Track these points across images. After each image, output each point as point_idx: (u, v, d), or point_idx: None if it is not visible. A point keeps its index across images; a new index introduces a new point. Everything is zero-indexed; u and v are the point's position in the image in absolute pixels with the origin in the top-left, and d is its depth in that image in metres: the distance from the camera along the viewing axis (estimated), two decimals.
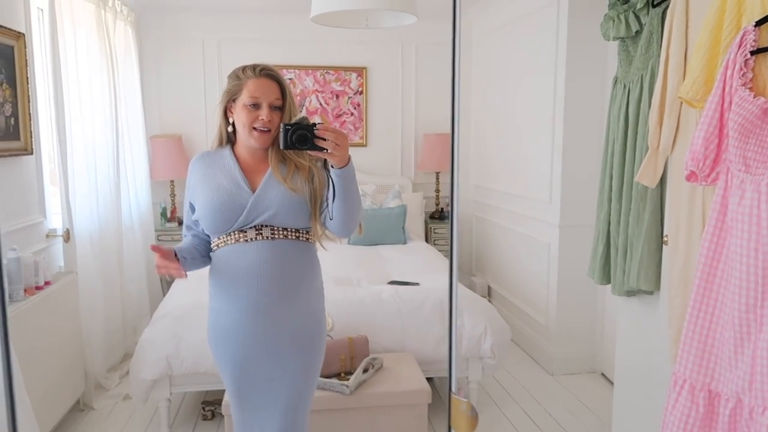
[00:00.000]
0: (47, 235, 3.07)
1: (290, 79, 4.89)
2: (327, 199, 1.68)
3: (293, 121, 1.63)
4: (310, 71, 4.93)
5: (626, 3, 2.29)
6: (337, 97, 5.00)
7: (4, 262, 2.46)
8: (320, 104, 4.98)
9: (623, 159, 2.25)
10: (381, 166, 5.15)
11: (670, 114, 1.95)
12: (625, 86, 2.26)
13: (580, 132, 3.42)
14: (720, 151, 1.58)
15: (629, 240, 2.22)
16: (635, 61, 2.20)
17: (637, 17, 2.20)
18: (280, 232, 1.69)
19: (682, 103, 1.89)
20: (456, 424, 0.96)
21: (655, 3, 2.12)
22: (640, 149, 2.14)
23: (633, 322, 2.33)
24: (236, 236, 1.69)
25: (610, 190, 2.34)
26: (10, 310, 2.40)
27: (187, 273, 1.67)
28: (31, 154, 2.91)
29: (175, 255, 1.66)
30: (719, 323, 1.57)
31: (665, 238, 2.01)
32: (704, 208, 1.80)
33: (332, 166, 1.60)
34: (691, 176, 1.64)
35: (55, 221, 3.20)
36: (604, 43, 3.17)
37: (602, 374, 3.55)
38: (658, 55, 2.04)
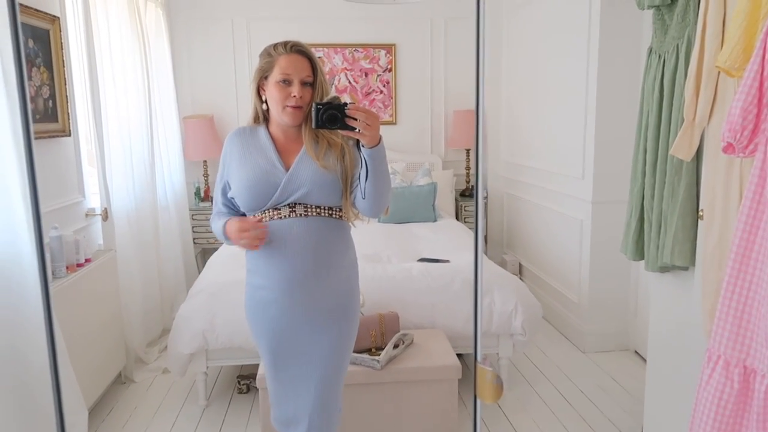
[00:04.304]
0: (86, 215, 3.17)
1: (319, 57, 4.88)
2: (359, 179, 1.70)
3: (325, 100, 1.64)
4: (338, 49, 4.92)
5: None
6: (366, 74, 4.99)
7: (46, 240, 2.56)
8: (349, 82, 4.97)
9: (657, 132, 2.19)
10: (411, 143, 5.13)
11: (706, 84, 1.88)
12: (660, 56, 2.19)
13: (614, 106, 3.34)
14: (759, 122, 1.53)
15: (663, 215, 2.18)
16: (671, 30, 2.13)
17: None
18: (314, 210, 1.72)
19: (719, 72, 1.82)
20: (482, 393, 0.97)
21: None
22: (675, 121, 2.09)
23: (666, 299, 2.30)
24: (270, 213, 1.72)
25: (644, 163, 2.29)
26: (54, 286, 2.50)
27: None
28: (69, 135, 2.99)
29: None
30: (756, 298, 1.54)
31: (700, 213, 1.97)
32: (741, 181, 1.75)
33: (363, 146, 1.61)
34: (728, 148, 1.59)
35: (93, 201, 3.30)
36: (639, 12, 3.07)
37: (635, 352, 3.52)
38: (695, 23, 1.97)
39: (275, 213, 1.72)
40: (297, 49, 1.72)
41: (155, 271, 3.78)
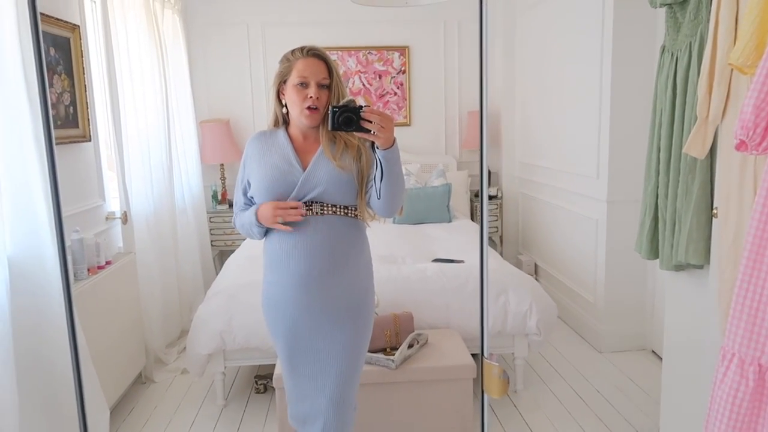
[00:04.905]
0: (106, 218, 3.23)
1: (333, 60, 4.94)
2: (374, 179, 1.74)
3: (341, 103, 1.69)
4: (352, 52, 4.95)
5: None
6: (380, 77, 5.01)
7: (68, 243, 2.62)
8: (363, 85, 5.00)
9: (671, 130, 2.19)
10: (425, 145, 5.15)
11: (719, 82, 1.88)
12: (672, 54, 2.18)
13: (628, 105, 3.33)
14: None
15: (677, 213, 2.17)
16: (683, 28, 2.12)
17: None
18: (329, 208, 1.77)
19: (732, 70, 1.82)
20: (488, 387, 0.99)
21: None
22: (688, 120, 2.08)
23: (682, 297, 2.29)
24: None
25: (658, 162, 2.28)
26: (75, 288, 2.55)
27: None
28: (90, 140, 3.05)
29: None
30: None
31: (715, 211, 1.96)
32: (756, 178, 1.74)
33: (378, 147, 1.65)
34: (741, 145, 1.59)
35: (113, 204, 3.36)
36: (652, 10, 3.06)
37: (652, 351, 3.49)
38: (707, 21, 1.97)
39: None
40: (314, 53, 1.78)
41: (174, 273, 3.84)
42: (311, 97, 1.75)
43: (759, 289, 1.56)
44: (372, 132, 1.61)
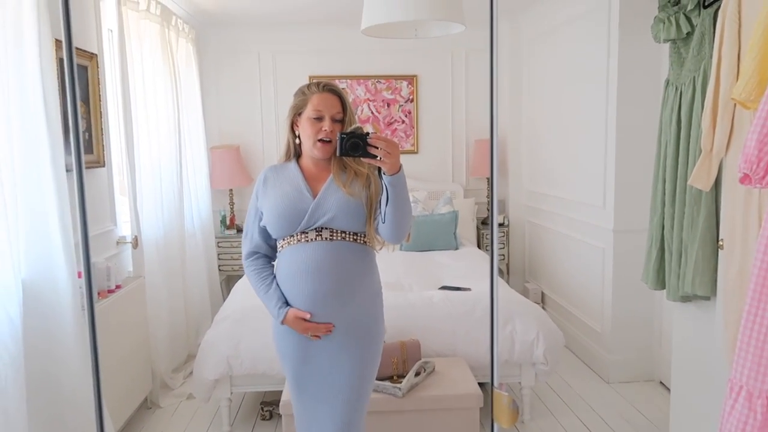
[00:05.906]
0: (117, 242, 3.27)
1: (342, 88, 5.01)
2: (380, 204, 1.78)
3: (348, 130, 1.74)
4: (361, 81, 5.04)
5: (677, 4, 2.26)
6: (389, 105, 5.09)
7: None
8: (372, 113, 5.08)
9: (676, 162, 2.22)
10: (432, 172, 5.19)
11: (723, 116, 1.91)
12: (677, 89, 2.23)
13: (634, 136, 3.37)
14: None
15: (684, 244, 2.19)
16: (687, 63, 2.17)
17: (688, 18, 2.17)
18: (339, 234, 1.80)
19: (735, 104, 1.85)
20: (498, 417, 1.00)
21: (706, 4, 2.09)
22: (693, 152, 2.11)
23: (689, 328, 2.29)
24: (298, 237, 1.82)
25: (664, 193, 2.31)
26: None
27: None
28: (103, 166, 3.11)
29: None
30: None
31: (720, 242, 1.98)
32: (760, 210, 1.76)
33: (384, 173, 1.69)
34: (745, 179, 1.61)
35: (124, 229, 3.40)
36: (657, 45, 3.12)
37: (660, 382, 3.47)
38: (711, 57, 2.01)
39: (302, 236, 1.82)
40: (329, 88, 1.86)
41: (182, 297, 3.85)
42: (325, 130, 1.81)
43: (766, 321, 1.56)
44: (378, 158, 1.66)
